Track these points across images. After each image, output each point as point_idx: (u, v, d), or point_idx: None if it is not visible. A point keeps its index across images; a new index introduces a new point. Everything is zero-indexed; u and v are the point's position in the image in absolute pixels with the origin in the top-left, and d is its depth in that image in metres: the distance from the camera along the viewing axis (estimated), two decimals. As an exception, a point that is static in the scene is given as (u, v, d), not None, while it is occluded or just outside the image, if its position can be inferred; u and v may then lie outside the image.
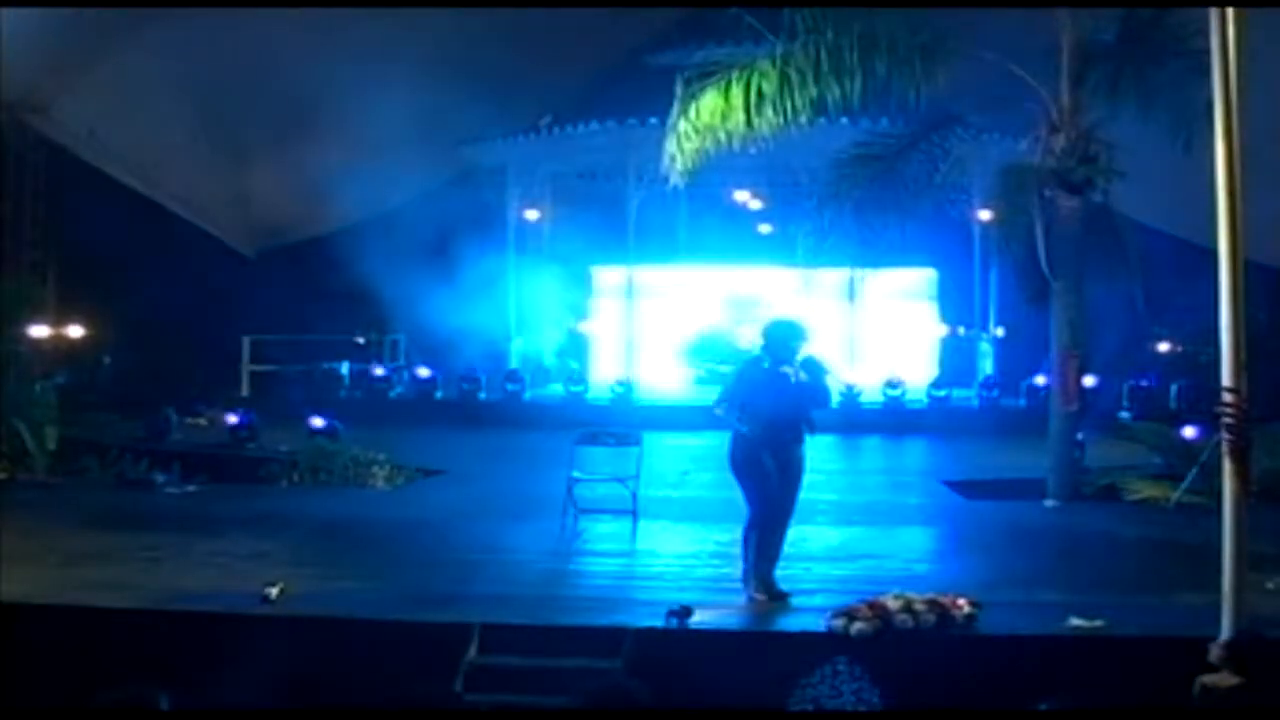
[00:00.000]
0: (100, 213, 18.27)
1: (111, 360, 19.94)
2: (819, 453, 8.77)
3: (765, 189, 20.85)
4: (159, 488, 12.74)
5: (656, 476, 11.62)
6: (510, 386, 18.94)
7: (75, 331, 19.41)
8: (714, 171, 13.42)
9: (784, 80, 11.03)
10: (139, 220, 18.61)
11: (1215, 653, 5.17)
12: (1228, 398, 6.05)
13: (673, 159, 11.42)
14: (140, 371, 18.32)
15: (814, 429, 8.07)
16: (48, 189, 18.89)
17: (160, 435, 15.42)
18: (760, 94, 11.03)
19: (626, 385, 18.67)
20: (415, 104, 16.31)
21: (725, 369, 18.60)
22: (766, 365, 7.96)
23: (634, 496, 10.15)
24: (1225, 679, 5.04)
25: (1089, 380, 14.31)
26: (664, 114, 11.65)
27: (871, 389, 17.83)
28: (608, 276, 21.16)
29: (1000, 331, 19.32)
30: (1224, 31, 6.01)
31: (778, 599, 7.82)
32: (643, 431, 11.04)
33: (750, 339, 8.23)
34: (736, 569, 8.54)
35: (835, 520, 10.45)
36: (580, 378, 19.22)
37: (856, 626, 6.90)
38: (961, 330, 20.51)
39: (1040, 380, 16.33)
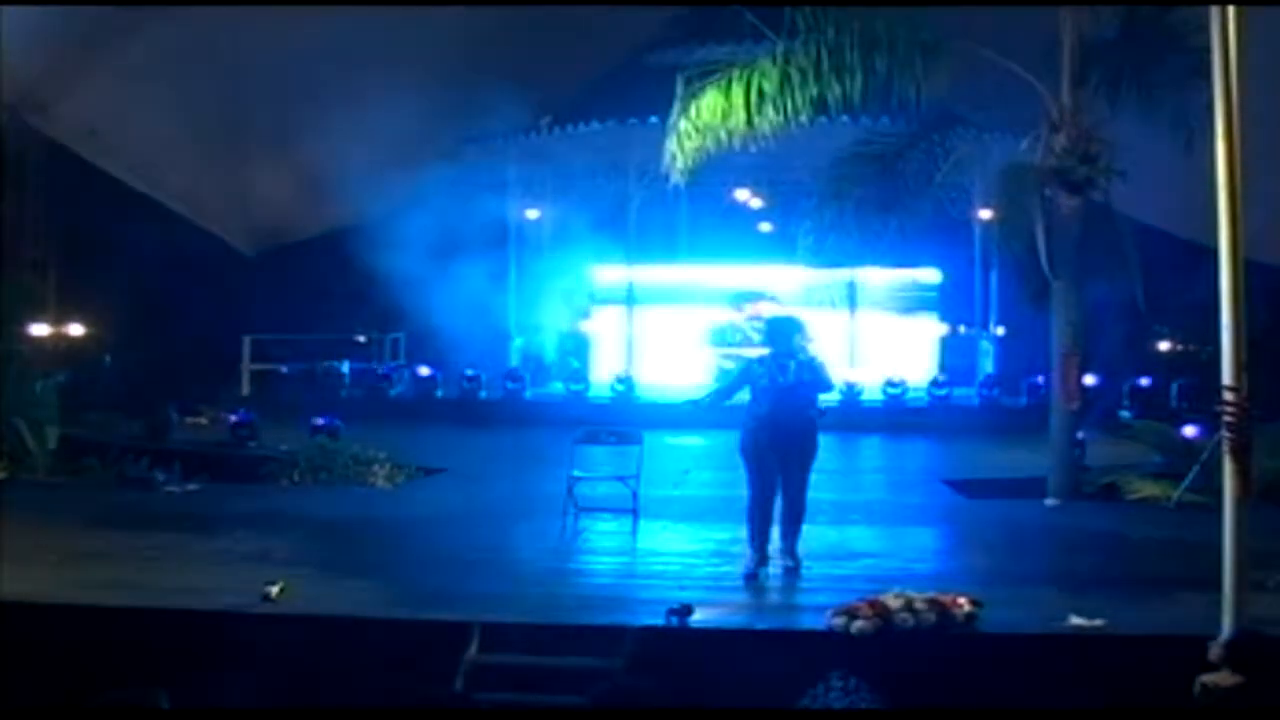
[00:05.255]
0: (100, 211, 18.25)
1: (112, 359, 19.90)
2: (819, 452, 8.80)
3: (766, 188, 20.83)
4: (160, 487, 12.71)
5: (657, 475, 11.60)
6: (511, 385, 18.91)
7: (76, 330, 19.38)
8: (714, 170, 13.41)
9: (785, 79, 11.03)
10: (139, 219, 18.58)
11: (1215, 652, 5.16)
12: (1228, 397, 6.05)
13: (673, 158, 11.42)
14: (140, 371, 18.28)
15: (823, 413, 8.69)
16: (48, 188, 18.86)
17: (161, 434, 15.40)
18: (761, 93, 11.04)
19: (627, 383, 18.65)
20: (416, 103, 16.30)
21: (730, 365, 18.65)
22: (769, 360, 8.49)
23: (634, 495, 10.15)
24: (1225, 678, 5.04)
25: (1089, 379, 14.31)
26: (664, 113, 11.65)
27: (872, 387, 17.82)
28: (608, 275, 21.13)
29: (1001, 330, 19.31)
30: (1224, 30, 6.01)
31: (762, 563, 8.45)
32: (643, 430, 11.04)
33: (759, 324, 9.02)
34: (737, 567, 8.57)
35: (835, 519, 10.44)
36: (581, 376, 19.20)
37: (857, 625, 6.90)
38: (962, 329, 20.50)
39: (1041, 379, 16.31)
